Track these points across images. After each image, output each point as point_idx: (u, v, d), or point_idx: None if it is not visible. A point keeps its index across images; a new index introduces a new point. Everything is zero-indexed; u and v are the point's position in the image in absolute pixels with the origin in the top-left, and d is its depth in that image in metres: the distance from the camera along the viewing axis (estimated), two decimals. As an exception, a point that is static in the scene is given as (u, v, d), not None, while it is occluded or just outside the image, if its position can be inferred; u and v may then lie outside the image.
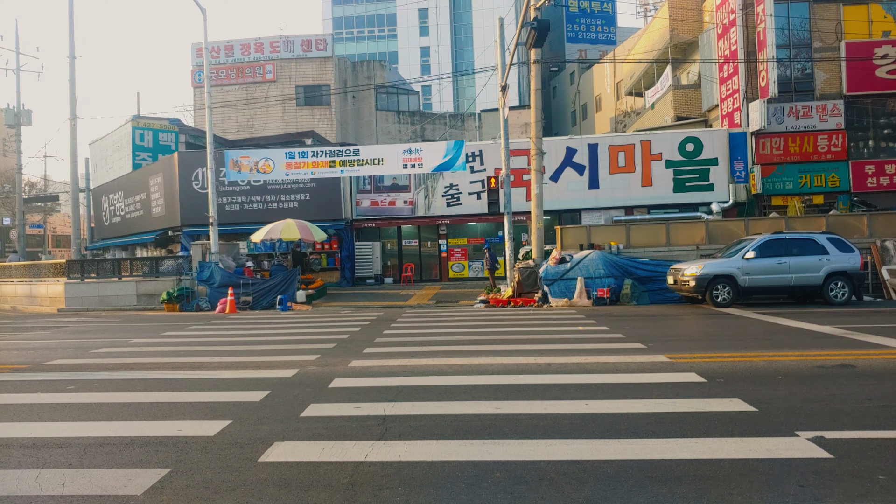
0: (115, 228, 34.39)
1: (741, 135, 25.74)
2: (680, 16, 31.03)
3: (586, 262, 18.73)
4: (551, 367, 8.48)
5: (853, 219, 20.04)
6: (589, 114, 45.72)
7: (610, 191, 26.47)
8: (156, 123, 34.70)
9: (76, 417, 6.52)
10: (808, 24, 25.46)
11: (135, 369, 9.26)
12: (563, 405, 6.44)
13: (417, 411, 6.34)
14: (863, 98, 25.45)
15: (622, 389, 7.09)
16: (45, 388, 8.01)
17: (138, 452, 5.27)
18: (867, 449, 4.92)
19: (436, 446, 5.22)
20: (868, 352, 8.99)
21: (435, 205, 27.59)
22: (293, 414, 6.37)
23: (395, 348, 10.62)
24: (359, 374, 8.41)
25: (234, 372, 8.79)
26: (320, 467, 4.83)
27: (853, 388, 6.87)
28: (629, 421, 5.82)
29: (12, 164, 40.24)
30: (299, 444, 5.42)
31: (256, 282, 21.33)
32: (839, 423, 5.62)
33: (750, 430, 5.47)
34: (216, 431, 5.81)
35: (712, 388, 7.05)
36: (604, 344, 10.45)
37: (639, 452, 4.96)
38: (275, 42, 40.05)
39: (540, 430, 5.62)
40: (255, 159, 22.09)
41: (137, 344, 12.30)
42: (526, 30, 16.21)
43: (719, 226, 20.58)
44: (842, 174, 25.56)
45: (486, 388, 7.28)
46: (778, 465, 4.61)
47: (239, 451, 5.26)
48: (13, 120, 37.35)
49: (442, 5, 72.29)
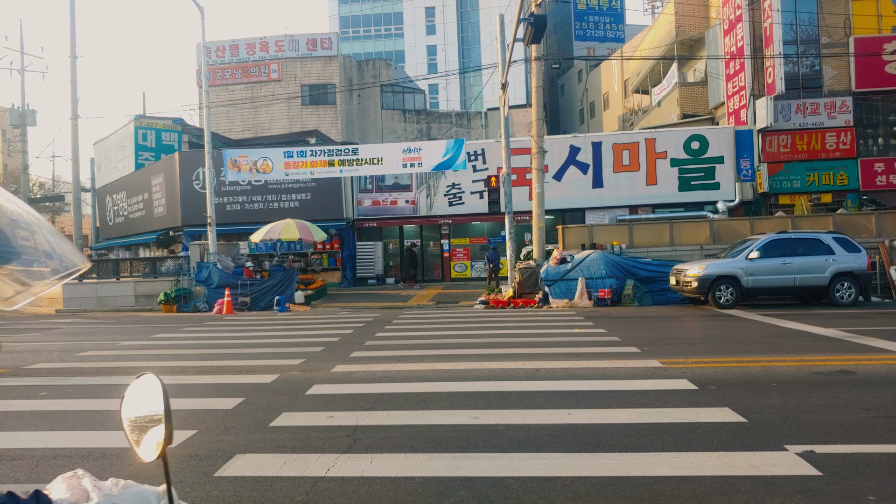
0: (119, 228, 34.33)
1: (748, 132, 25.30)
2: (686, 12, 30.61)
3: (587, 263, 18.42)
4: (539, 372, 8.20)
5: (861, 217, 19.63)
6: (597, 112, 45.30)
7: (614, 189, 26.09)
8: (159, 123, 34.59)
9: (39, 427, 6.30)
10: (816, 20, 24.97)
11: (114, 374, 9.05)
12: (544, 415, 6.16)
13: (391, 421, 6.07)
14: (872, 94, 24.93)
15: (609, 397, 6.80)
16: (17, 395, 7.80)
17: (91, 466, 5.03)
18: (859, 465, 4.61)
19: (402, 460, 4.96)
20: (869, 357, 8.65)
21: (437, 204, 27.30)
22: (262, 423, 6.13)
23: (383, 352, 10.36)
24: (340, 380, 8.16)
25: (213, 377, 8.56)
26: (277, 483, 4.58)
27: (851, 396, 6.55)
28: (610, 432, 5.53)
29: (18, 164, 40.34)
30: (261, 456, 5.18)
31: (255, 282, 21.13)
32: (832, 435, 5.31)
33: (737, 443, 5.18)
34: (177, 443, 5.54)
35: (703, 396, 6.75)
36: (598, 348, 10.15)
37: (615, 468, 4.68)
38: (280, 41, 39.87)
39: (515, 442, 5.35)
40: (254, 159, 21.89)
41: (125, 347, 12.11)
42: (524, 25, 15.93)
43: (724, 225, 20.21)
44: (850, 172, 25.07)
45: (466, 396, 7.01)
46: (762, 484, 4.32)
47: (196, 464, 5.02)
48: (18, 120, 37.38)
49: (449, 3, 71.97)
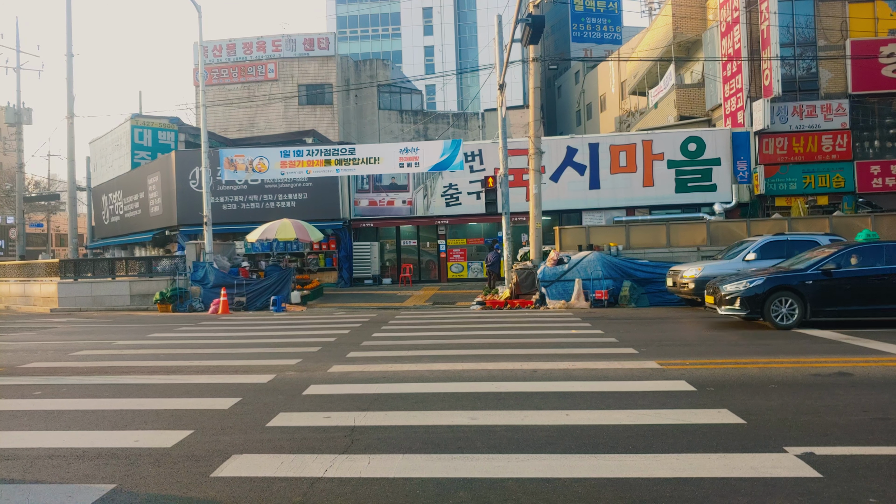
0: (115, 227, 34.23)
1: (744, 134, 25.35)
2: (683, 14, 30.62)
3: (584, 264, 18.41)
4: (536, 373, 8.17)
5: (857, 220, 19.64)
6: (594, 113, 45.33)
7: (611, 191, 26.10)
8: (155, 122, 34.48)
9: (33, 426, 6.25)
10: (813, 22, 25.03)
11: (109, 373, 9.00)
12: (542, 416, 6.13)
13: (389, 422, 6.04)
14: (868, 97, 25.01)
15: (607, 398, 6.78)
16: (11, 394, 7.75)
17: (87, 466, 4.99)
18: (859, 467, 4.59)
19: (400, 461, 4.93)
20: (867, 358, 8.65)
21: (434, 205, 27.28)
22: (259, 424, 6.09)
23: (380, 352, 10.33)
24: (337, 380, 8.12)
25: (209, 377, 8.51)
26: (274, 483, 4.55)
27: (849, 398, 6.53)
28: (609, 434, 5.51)
29: (14, 163, 40.15)
30: (258, 457, 5.14)
31: (251, 282, 21.07)
32: (831, 437, 5.29)
33: (736, 444, 5.16)
34: (174, 443, 5.52)
35: (701, 397, 6.73)
36: (595, 349, 10.13)
37: (614, 469, 4.65)
38: (277, 41, 39.79)
39: (514, 443, 5.32)
40: (250, 158, 21.83)
41: (120, 346, 12.05)
42: (521, 26, 15.90)
43: (721, 227, 20.22)
44: (847, 175, 25.14)
45: (464, 397, 6.98)
46: (762, 486, 4.30)
47: (193, 464, 4.98)
48: (14, 118, 37.15)
49: (446, 4, 72.01)
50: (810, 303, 11.80)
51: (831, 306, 11.88)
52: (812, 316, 11.82)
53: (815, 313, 11.83)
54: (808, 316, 11.81)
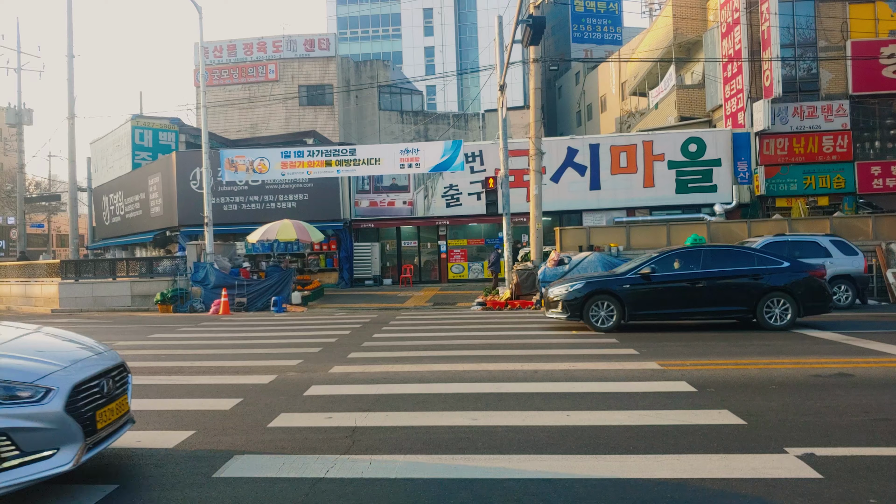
0: (115, 228, 34.26)
1: (745, 135, 25.37)
2: (684, 14, 30.66)
3: (585, 264, 18.40)
4: (537, 374, 8.18)
5: (858, 221, 19.67)
6: (594, 114, 45.35)
7: (611, 192, 26.12)
8: (156, 123, 34.53)
9: (35, 426, 6.25)
10: (814, 23, 25.05)
11: (111, 374, 9.00)
12: (543, 416, 6.14)
13: (390, 422, 6.05)
14: (869, 98, 25.03)
15: (608, 399, 6.79)
16: (13, 394, 7.75)
17: (88, 466, 4.99)
18: (859, 468, 4.60)
19: (402, 462, 4.94)
20: (868, 359, 8.66)
21: (434, 205, 27.30)
22: (260, 424, 6.10)
23: (381, 353, 10.34)
24: (338, 380, 8.13)
25: (210, 377, 8.53)
26: (276, 484, 4.56)
27: (849, 399, 6.54)
28: (610, 434, 5.52)
29: (14, 164, 40.18)
30: (259, 457, 5.15)
31: (251, 283, 21.09)
32: (832, 438, 5.30)
33: (736, 445, 5.17)
34: (176, 443, 5.55)
35: (702, 398, 6.74)
36: (595, 349, 10.14)
37: (616, 470, 4.67)
38: (278, 42, 39.83)
39: (515, 444, 5.34)
40: (251, 158, 21.85)
41: (121, 347, 12.03)
42: (522, 27, 15.92)
43: (721, 227, 20.24)
44: (847, 175, 25.15)
45: (465, 398, 6.99)
46: (763, 486, 4.31)
47: (195, 464, 5.00)
48: (14, 119, 37.17)
49: (447, 5, 72.06)
50: (628, 306, 12.01)
51: (647, 310, 12.12)
52: (630, 319, 12.09)
53: (633, 316, 12.09)
54: (626, 319, 12.04)
